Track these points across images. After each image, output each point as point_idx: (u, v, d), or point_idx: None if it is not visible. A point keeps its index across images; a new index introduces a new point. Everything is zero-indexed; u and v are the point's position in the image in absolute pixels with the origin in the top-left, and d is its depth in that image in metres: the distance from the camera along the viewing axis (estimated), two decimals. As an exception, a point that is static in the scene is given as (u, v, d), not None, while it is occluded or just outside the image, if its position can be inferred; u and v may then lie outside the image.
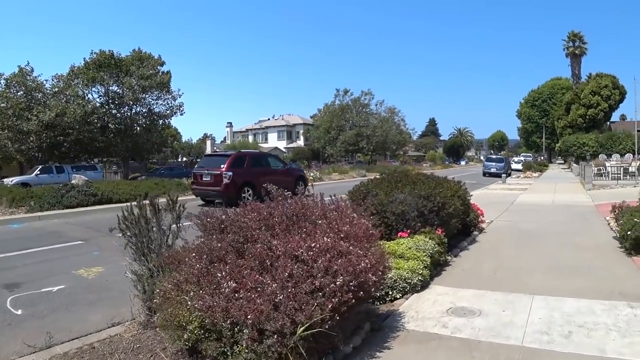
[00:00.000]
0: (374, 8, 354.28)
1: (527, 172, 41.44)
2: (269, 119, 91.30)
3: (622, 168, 26.04)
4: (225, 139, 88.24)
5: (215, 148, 75.93)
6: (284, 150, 79.69)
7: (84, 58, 37.69)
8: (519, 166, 51.05)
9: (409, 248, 6.80)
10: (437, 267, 7.25)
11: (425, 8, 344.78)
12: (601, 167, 26.70)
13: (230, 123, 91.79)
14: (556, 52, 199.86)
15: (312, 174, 30.66)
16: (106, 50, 38.12)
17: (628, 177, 25.37)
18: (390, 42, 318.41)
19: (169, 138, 53.88)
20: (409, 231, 7.73)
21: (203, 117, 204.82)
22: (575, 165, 42.39)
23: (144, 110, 40.63)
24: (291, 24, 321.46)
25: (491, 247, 8.95)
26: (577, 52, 72.51)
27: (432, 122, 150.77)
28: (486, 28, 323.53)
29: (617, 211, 9.27)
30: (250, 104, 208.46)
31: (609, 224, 11.11)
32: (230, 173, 17.42)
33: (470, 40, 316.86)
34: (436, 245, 7.22)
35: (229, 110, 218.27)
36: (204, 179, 18.27)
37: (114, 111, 38.89)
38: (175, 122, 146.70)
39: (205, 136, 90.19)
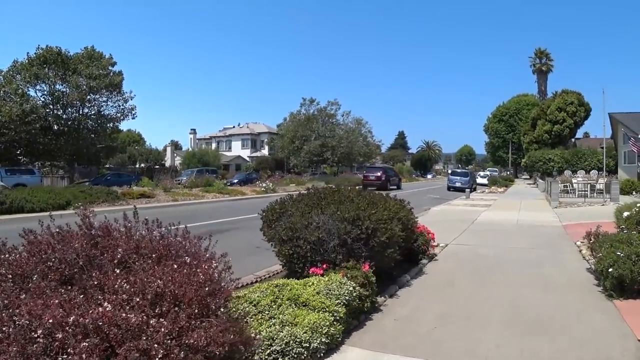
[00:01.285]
0: (345, 21, 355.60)
1: (493, 187, 40.31)
2: (234, 127, 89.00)
3: (588, 185, 24.83)
4: (189, 146, 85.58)
5: (175, 155, 73.25)
6: (247, 159, 77.49)
7: (27, 53, 34.96)
8: (485, 181, 50.05)
9: (317, 293, 4.93)
10: (359, 315, 5.38)
11: (396, 23, 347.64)
12: (567, 184, 25.46)
13: (194, 130, 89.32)
14: (523, 68, 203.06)
15: (264, 185, 28.65)
16: (53, 47, 35.52)
17: (595, 194, 24.17)
18: (362, 55, 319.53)
19: (120, 142, 51.28)
20: (325, 266, 5.85)
21: (170, 124, 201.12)
22: (541, 180, 41.45)
23: (92, 113, 38.04)
24: (262, 32, 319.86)
25: (439, 283, 7.14)
26: (543, 68, 72.71)
27: (402, 136, 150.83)
28: (456, 43, 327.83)
29: (592, 239, 7.56)
30: (217, 112, 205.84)
31: (580, 250, 9.46)
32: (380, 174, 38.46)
33: (441, 54, 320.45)
34: (358, 287, 5.34)
35: (196, 118, 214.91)
36: (370, 177, 38.95)
37: (59, 112, 36.23)
38: (139, 127, 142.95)
39: (171, 143, 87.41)
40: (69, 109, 36.82)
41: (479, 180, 52.23)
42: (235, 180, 47.36)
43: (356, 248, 6.03)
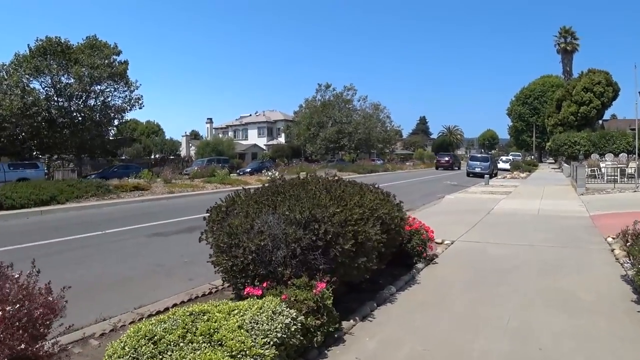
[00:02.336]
0: (364, 5, 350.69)
1: (515, 173, 38.27)
2: (250, 115, 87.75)
3: (618, 169, 22.85)
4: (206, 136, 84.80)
5: (191, 145, 72.38)
6: (263, 147, 76.22)
7: (28, 45, 34.04)
8: (507, 166, 47.91)
9: (239, 327, 3.50)
10: (307, 353, 3.93)
11: (416, 6, 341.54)
12: (595, 168, 23.49)
13: (211, 119, 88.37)
14: (548, 48, 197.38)
15: (270, 174, 27.24)
16: (53, 37, 34.51)
17: (625, 179, 22.21)
18: (380, 40, 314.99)
19: (129, 133, 50.57)
20: (266, 284, 4.42)
21: (189, 115, 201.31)
22: (566, 165, 39.25)
23: (97, 103, 37.07)
24: (278, 19, 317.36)
25: (429, 298, 5.63)
26: (568, 48, 69.62)
27: (423, 121, 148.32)
28: (479, 24, 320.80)
29: (629, 240, 5.93)
30: (234, 100, 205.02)
31: (612, 250, 7.82)
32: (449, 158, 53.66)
33: (462, 38, 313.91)
34: (302, 317, 3.89)
35: (215, 107, 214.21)
36: (442, 161, 53.41)
37: (63, 104, 35.33)
38: (159, 119, 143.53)
39: (186, 134, 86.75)
40: (74, 101, 35.92)
41: (501, 165, 50.08)
42: (248, 169, 46.25)
43: (311, 259, 4.56)
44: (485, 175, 28.20)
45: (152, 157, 67.78)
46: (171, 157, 66.03)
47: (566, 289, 5.78)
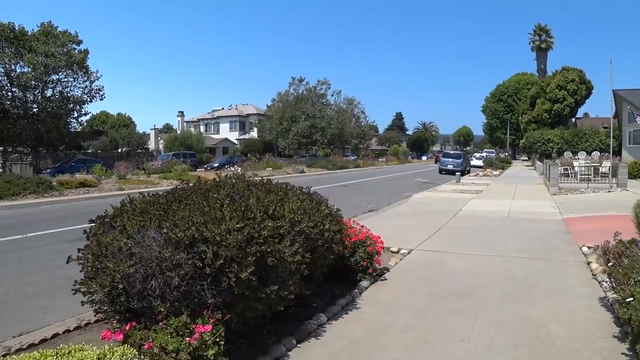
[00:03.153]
0: (337, 2, 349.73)
1: (488, 170, 37.58)
2: (222, 109, 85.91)
3: (592, 168, 22.14)
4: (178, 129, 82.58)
5: (160, 139, 70.24)
6: (235, 142, 74.58)
7: (-23, 30, 31.98)
8: (480, 162, 47.32)
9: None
10: None
11: (391, 2, 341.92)
12: (568, 167, 22.76)
13: (182, 112, 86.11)
14: (523, 46, 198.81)
15: (232, 170, 25.89)
16: (5, 22, 32.49)
17: (599, 178, 21.52)
18: (358, 36, 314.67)
19: (100, 125, 48.58)
20: (129, 325, 3.24)
21: (163, 107, 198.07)
22: (539, 163, 38.75)
23: (55, 94, 35.18)
24: (257, 12, 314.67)
25: (364, 337, 4.45)
26: (543, 46, 69.37)
27: (399, 117, 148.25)
28: (454, 21, 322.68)
29: (610, 259, 4.84)
30: (210, 94, 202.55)
31: (588, 263, 6.80)
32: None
33: (439, 34, 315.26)
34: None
35: (189, 100, 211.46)
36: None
37: (17, 94, 33.39)
38: (130, 111, 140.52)
39: (170, 126, 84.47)
40: (30, 91, 34.01)
41: (474, 162, 49.51)
42: (216, 164, 44.84)
43: (198, 291, 3.38)
44: (457, 173, 27.30)
45: (119, 150, 65.59)
46: (139, 151, 63.97)
47: (536, 319, 4.67)
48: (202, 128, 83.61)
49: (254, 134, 75.78)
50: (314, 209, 4.86)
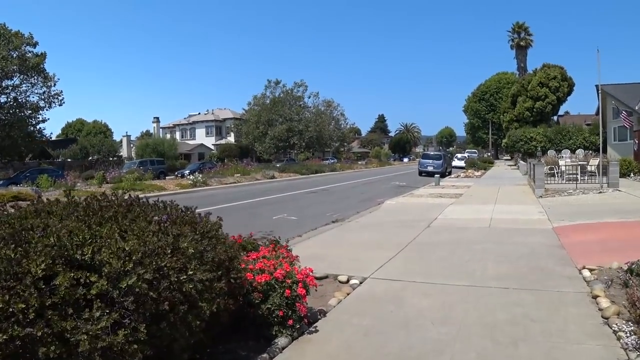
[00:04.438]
0: (318, 2, 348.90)
1: (469, 171, 36.01)
2: (199, 114, 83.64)
3: (578, 167, 20.54)
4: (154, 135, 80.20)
5: (132, 146, 67.85)
6: (211, 147, 72.41)
7: None
8: (462, 163, 45.88)
9: None
10: None
11: (369, 3, 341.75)
12: (553, 166, 21.13)
13: (157, 118, 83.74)
14: (504, 45, 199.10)
15: (191, 178, 23.96)
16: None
17: (586, 178, 19.93)
18: (338, 38, 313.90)
19: (75, 133, 46.15)
20: None
21: (139, 114, 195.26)
22: (522, 162, 37.31)
23: (8, 101, 32.93)
24: (234, 15, 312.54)
25: None
26: (522, 43, 68.34)
27: (381, 119, 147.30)
28: (434, 21, 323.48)
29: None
30: (186, 100, 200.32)
31: (594, 298, 5.01)
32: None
33: (419, 34, 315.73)
34: None
35: (166, 106, 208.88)
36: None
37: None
38: (106, 119, 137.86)
39: (150, 133, 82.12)
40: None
41: (456, 162, 48.08)
42: (187, 171, 42.79)
43: None
44: (436, 175, 25.61)
45: (90, 158, 63.13)
46: (111, 159, 61.66)
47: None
48: (177, 134, 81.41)
49: (231, 138, 73.77)
50: (168, 247, 2.99)
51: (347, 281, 6.26)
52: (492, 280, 5.88)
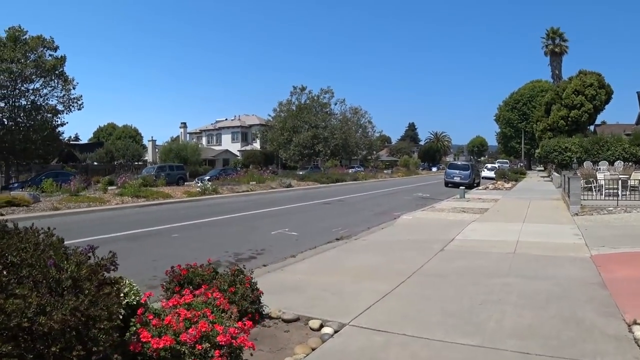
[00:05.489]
0: (349, 11, 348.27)
1: (499, 182, 34.01)
2: (225, 119, 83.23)
3: (619, 181, 18.58)
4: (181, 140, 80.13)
5: (157, 151, 67.57)
6: (236, 153, 71.68)
7: None
8: (491, 174, 43.85)
9: None
10: None
11: (402, 12, 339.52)
12: (591, 179, 19.21)
13: (185, 124, 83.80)
14: (537, 53, 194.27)
15: (200, 185, 22.79)
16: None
17: (627, 193, 17.95)
18: (369, 47, 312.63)
19: (106, 137, 45.97)
20: None
21: (165, 119, 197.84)
22: (556, 174, 35.14)
23: (27, 104, 32.53)
24: (268, 25, 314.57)
25: None
26: (556, 50, 65.75)
27: (412, 127, 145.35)
28: (467, 30, 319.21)
29: None
30: (213, 105, 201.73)
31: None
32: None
33: (452, 44, 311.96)
34: None
35: (193, 112, 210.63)
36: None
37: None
38: (136, 123, 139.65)
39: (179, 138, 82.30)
40: (2, 100, 31.49)
41: (485, 173, 46.04)
42: (207, 177, 42.02)
43: None
44: (461, 187, 23.88)
45: (114, 162, 63.10)
46: (137, 163, 61.60)
47: None
48: (204, 139, 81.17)
49: (257, 145, 72.90)
50: None
51: (319, 328, 4.85)
52: (509, 339, 4.36)
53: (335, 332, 4.72)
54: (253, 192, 24.91)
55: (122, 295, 3.94)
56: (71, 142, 71.95)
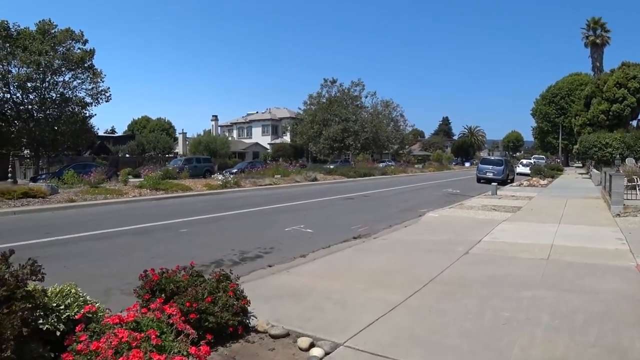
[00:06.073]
0: (383, 6, 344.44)
1: (534, 179, 32.50)
2: (256, 112, 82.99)
3: (666, 179, 17.22)
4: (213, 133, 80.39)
5: (187, 141, 67.71)
6: (266, 146, 71.34)
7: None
8: (527, 170, 42.18)
9: None
10: None
11: (437, 4, 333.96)
12: (635, 177, 17.85)
13: (216, 116, 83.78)
14: (577, 45, 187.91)
15: (221, 178, 22.20)
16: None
17: (675, 192, 16.60)
18: (404, 41, 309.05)
19: (140, 130, 46.51)
20: None
21: (198, 112, 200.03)
22: (595, 171, 33.46)
23: (56, 96, 32.70)
24: (300, 21, 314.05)
25: None
26: (598, 41, 63.01)
27: (446, 121, 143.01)
28: (502, 21, 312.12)
29: None
30: (244, 98, 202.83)
31: None
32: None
33: (487, 35, 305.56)
34: None
35: (224, 104, 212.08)
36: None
37: (11, 96, 31.13)
38: (170, 116, 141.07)
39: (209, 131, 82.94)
40: (26, 93, 31.73)
41: (520, 169, 44.38)
42: (235, 170, 41.79)
43: None
44: (493, 183, 22.72)
45: (145, 155, 63.56)
46: (167, 155, 62.00)
47: None
48: (235, 132, 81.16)
49: (287, 138, 72.41)
50: None
51: (308, 348, 4.10)
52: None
53: (326, 354, 3.97)
54: (276, 185, 24.26)
55: (62, 308, 3.29)
56: (105, 135, 73.01)
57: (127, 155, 61.90)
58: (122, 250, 9.01)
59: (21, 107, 31.17)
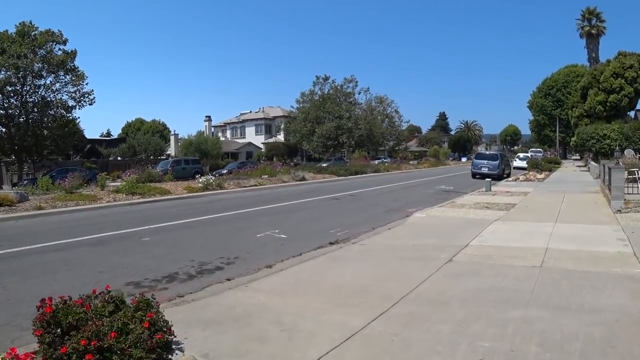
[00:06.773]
0: (377, 3, 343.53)
1: (531, 173, 31.58)
2: (250, 112, 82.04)
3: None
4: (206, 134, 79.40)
5: (179, 143, 66.71)
6: (260, 145, 70.39)
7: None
8: (524, 164, 41.33)
9: None
10: None
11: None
12: (635, 170, 16.89)
13: (209, 117, 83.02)
14: (572, 36, 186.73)
15: (202, 180, 21.24)
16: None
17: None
18: (398, 36, 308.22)
19: (134, 132, 45.73)
20: None
21: (192, 113, 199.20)
22: (593, 163, 32.58)
23: (37, 100, 31.76)
24: (290, 11, 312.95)
25: None
26: (593, 31, 62.10)
27: (442, 117, 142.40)
28: (498, 15, 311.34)
29: None
30: (237, 98, 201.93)
31: None
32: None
33: (482, 29, 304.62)
34: None
35: (218, 105, 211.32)
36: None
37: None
38: (165, 118, 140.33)
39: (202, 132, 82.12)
40: (12, 97, 30.81)
41: (517, 163, 43.53)
42: (225, 171, 40.89)
43: None
44: (487, 180, 21.78)
45: (135, 157, 62.52)
46: (159, 157, 61.04)
47: None
48: (228, 132, 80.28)
49: (281, 137, 71.44)
50: None
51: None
52: None
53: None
54: (261, 186, 23.28)
55: None
56: (96, 138, 71.94)
57: (119, 158, 60.97)
58: (69, 265, 8.09)
59: (1, 112, 30.20)
